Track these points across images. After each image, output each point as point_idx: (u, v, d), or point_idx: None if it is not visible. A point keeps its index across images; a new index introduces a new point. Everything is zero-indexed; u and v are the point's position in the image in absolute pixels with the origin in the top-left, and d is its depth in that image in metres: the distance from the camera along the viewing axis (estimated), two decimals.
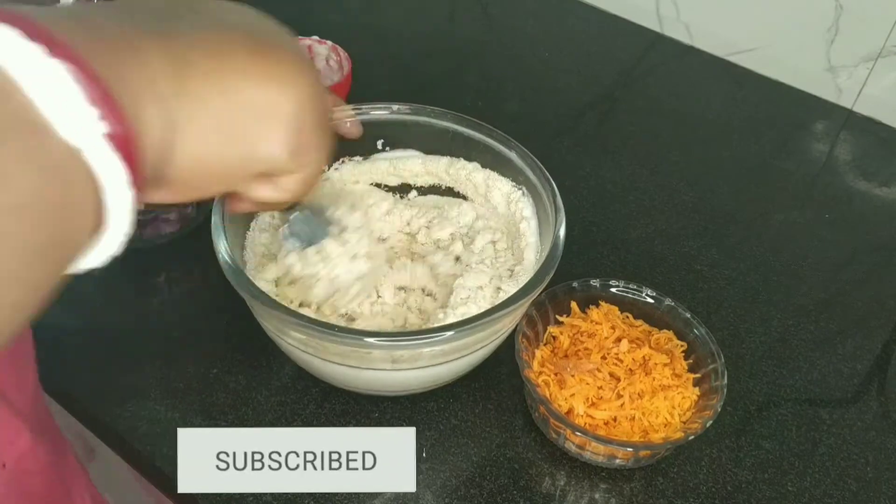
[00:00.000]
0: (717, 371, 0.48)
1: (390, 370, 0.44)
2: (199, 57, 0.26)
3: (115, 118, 0.21)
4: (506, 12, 0.92)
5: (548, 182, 0.51)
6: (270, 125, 0.28)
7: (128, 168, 0.22)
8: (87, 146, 0.20)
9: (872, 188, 0.72)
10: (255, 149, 0.28)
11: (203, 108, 0.26)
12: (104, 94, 0.21)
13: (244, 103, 0.27)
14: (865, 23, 0.75)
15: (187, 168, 0.26)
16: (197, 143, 0.26)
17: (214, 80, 0.26)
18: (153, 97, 0.24)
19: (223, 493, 0.45)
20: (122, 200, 0.22)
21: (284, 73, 0.28)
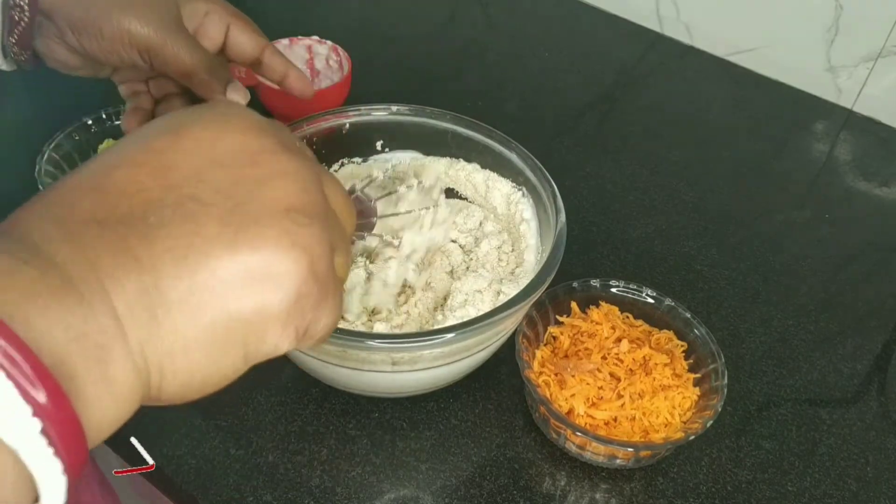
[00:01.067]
0: (718, 371, 0.48)
1: (391, 372, 0.44)
2: (172, 283, 0.22)
3: (56, 406, 0.18)
4: (506, 12, 0.92)
5: (548, 183, 0.51)
6: (265, 328, 0.24)
7: (65, 457, 0.19)
8: (22, 446, 0.18)
9: (872, 188, 0.72)
10: (252, 352, 0.25)
11: (184, 338, 0.22)
12: (41, 375, 0.18)
13: (231, 317, 0.23)
14: (865, 23, 0.75)
15: (178, 394, 0.24)
16: (181, 374, 0.23)
17: (192, 306, 0.22)
18: (123, 345, 0.21)
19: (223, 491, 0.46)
20: (55, 487, 0.19)
21: (272, 263, 0.23)
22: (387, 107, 0.56)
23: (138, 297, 0.21)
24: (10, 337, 0.18)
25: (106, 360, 0.21)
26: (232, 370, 0.24)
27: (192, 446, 0.48)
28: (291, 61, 0.51)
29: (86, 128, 0.62)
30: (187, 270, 0.22)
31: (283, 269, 0.24)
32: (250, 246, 0.23)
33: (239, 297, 0.23)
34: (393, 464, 0.48)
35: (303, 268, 0.24)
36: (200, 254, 0.22)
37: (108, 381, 0.21)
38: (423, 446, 0.49)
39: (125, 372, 0.21)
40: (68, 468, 0.19)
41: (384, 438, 0.49)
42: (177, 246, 0.22)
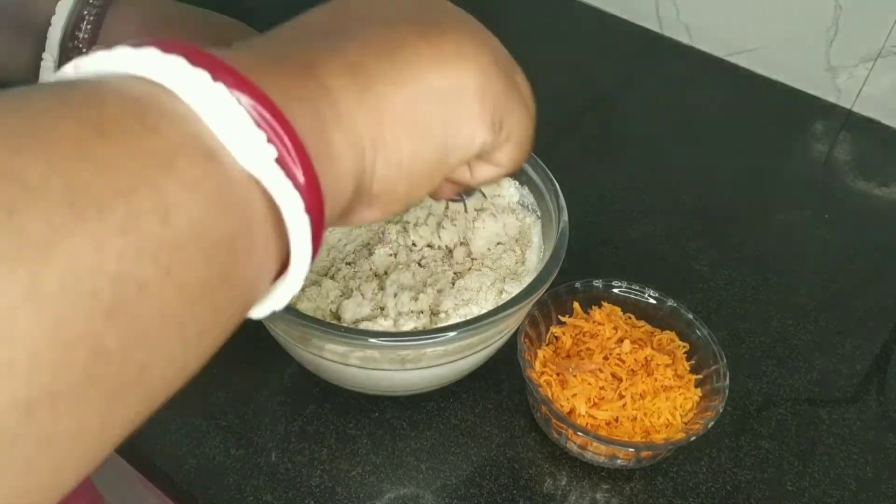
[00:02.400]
0: (720, 372, 0.48)
1: (393, 370, 0.44)
2: (373, 60, 0.24)
3: (291, 142, 0.20)
4: (505, 12, 0.92)
5: (550, 182, 0.51)
6: (460, 107, 0.26)
7: (305, 196, 0.20)
8: (263, 173, 0.19)
9: (872, 188, 0.72)
10: (453, 137, 0.27)
11: (388, 113, 0.24)
12: (276, 115, 0.19)
13: (427, 93, 0.25)
14: (865, 23, 0.75)
15: (390, 180, 0.25)
16: (392, 151, 0.25)
17: (392, 78, 0.25)
18: (338, 121, 0.23)
19: (223, 491, 0.46)
20: (301, 231, 0.20)
21: (457, 47, 0.27)
22: None
23: (343, 75, 0.23)
24: (281, 121, 0.20)
25: (326, 133, 0.22)
26: (434, 155, 0.26)
27: (192, 446, 0.48)
28: None
29: None
30: (386, 51, 0.25)
31: (473, 51, 0.27)
32: (440, 30, 0.27)
33: (435, 72, 0.26)
34: (393, 463, 0.48)
35: (488, 54, 0.28)
36: (396, 39, 0.25)
37: (329, 152, 0.22)
38: (423, 446, 0.49)
39: (342, 144, 0.23)
40: (308, 207, 0.20)
41: (384, 438, 0.49)
42: (373, 38, 0.25)
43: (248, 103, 0.19)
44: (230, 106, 0.19)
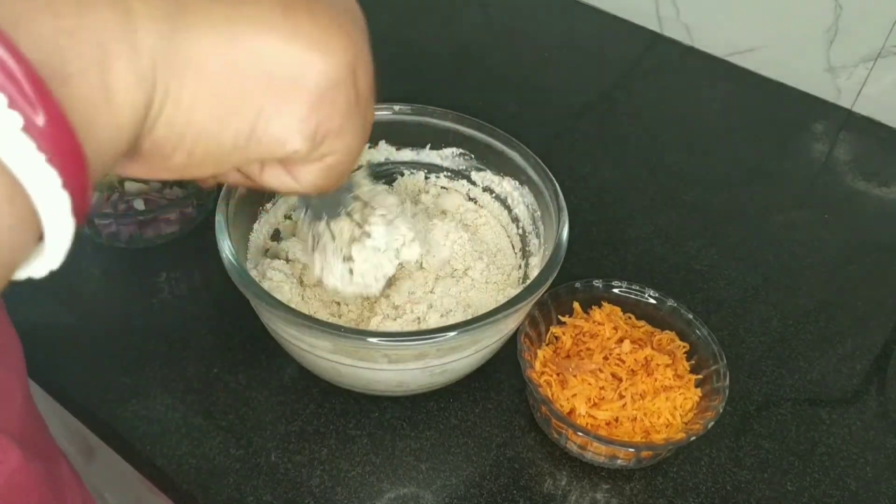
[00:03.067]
0: (720, 372, 0.48)
1: (393, 370, 0.44)
2: (207, 2, 0.20)
3: (46, 110, 0.16)
4: (506, 12, 0.92)
5: (550, 182, 0.51)
6: (286, 100, 0.21)
7: (66, 169, 0.17)
8: (7, 155, 0.16)
9: (872, 188, 0.72)
10: (262, 129, 0.22)
11: (196, 68, 0.20)
12: (31, 79, 0.16)
13: (253, 65, 0.20)
14: (865, 23, 0.75)
15: (168, 139, 0.20)
16: (185, 110, 0.20)
17: (220, 30, 0.20)
18: (127, 51, 0.18)
19: (223, 491, 0.46)
20: (57, 205, 0.17)
21: (318, 34, 0.21)
22: (389, 106, 0.56)
23: (164, 2, 0.19)
24: (6, 43, 0.15)
25: (107, 62, 0.18)
26: (232, 137, 0.21)
27: (192, 446, 0.48)
28: None
29: None
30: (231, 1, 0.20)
31: (336, 46, 0.22)
32: (309, 11, 0.21)
33: (275, 48, 0.21)
34: (393, 463, 0.48)
35: (350, 59, 0.22)
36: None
37: (106, 87, 0.18)
38: (423, 446, 0.49)
39: (128, 82, 0.18)
40: (68, 183, 0.17)
41: (384, 438, 0.49)
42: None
43: None
44: None
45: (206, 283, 0.58)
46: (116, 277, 0.58)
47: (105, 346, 0.53)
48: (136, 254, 0.59)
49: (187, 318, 0.56)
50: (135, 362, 0.52)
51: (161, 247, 0.59)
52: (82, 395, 0.50)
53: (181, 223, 0.60)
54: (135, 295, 0.58)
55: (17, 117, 0.15)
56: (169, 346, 0.53)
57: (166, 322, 0.55)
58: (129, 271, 0.58)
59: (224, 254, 0.44)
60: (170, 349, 0.53)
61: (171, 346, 0.53)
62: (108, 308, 0.56)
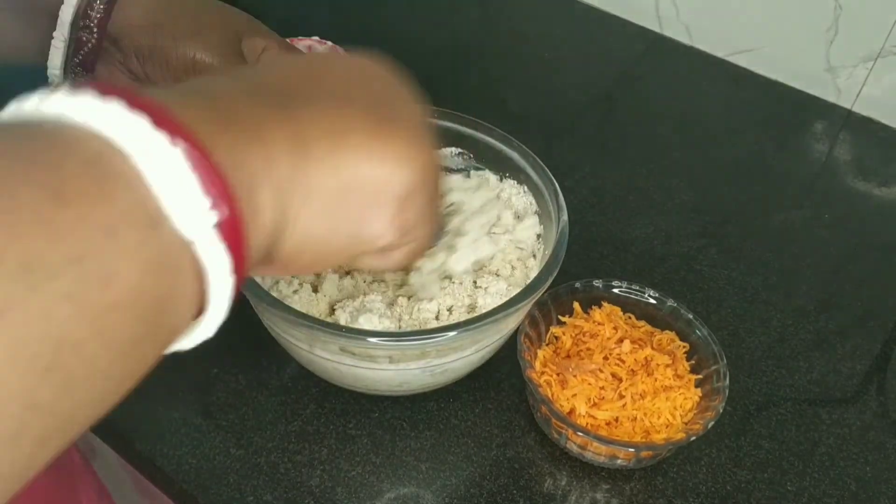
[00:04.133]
0: (720, 372, 0.48)
1: (393, 370, 0.44)
2: (318, 137, 0.25)
3: (228, 206, 0.20)
4: (506, 12, 0.92)
5: (550, 181, 0.51)
6: (380, 206, 0.27)
7: (234, 256, 0.21)
8: (198, 238, 0.20)
9: (872, 188, 0.72)
10: (364, 231, 0.27)
11: (317, 191, 0.25)
12: (219, 181, 0.20)
13: (356, 184, 0.26)
14: (865, 23, 0.75)
15: (295, 250, 0.26)
16: (306, 226, 0.25)
17: (331, 163, 0.25)
18: (270, 181, 0.23)
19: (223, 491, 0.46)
20: (224, 288, 0.21)
21: (400, 150, 0.27)
22: None
23: (286, 143, 0.24)
24: (226, 189, 0.20)
25: (255, 190, 0.22)
26: (341, 246, 0.27)
27: (192, 446, 0.48)
28: None
29: None
30: (333, 133, 0.25)
31: (415, 159, 0.27)
32: (392, 129, 0.27)
33: (371, 169, 0.26)
34: (393, 463, 0.48)
35: (424, 167, 0.28)
36: (348, 122, 0.26)
37: (253, 205, 0.23)
38: (423, 446, 0.49)
39: (265, 202, 0.23)
40: (236, 267, 0.21)
41: (384, 438, 0.49)
42: (327, 113, 0.25)
43: (198, 170, 0.19)
44: (182, 172, 0.19)
45: None
46: None
47: None
48: None
49: None
50: None
51: None
52: None
53: None
54: None
55: (214, 214, 0.20)
56: None
57: None
58: None
59: None
60: None
61: None
62: None
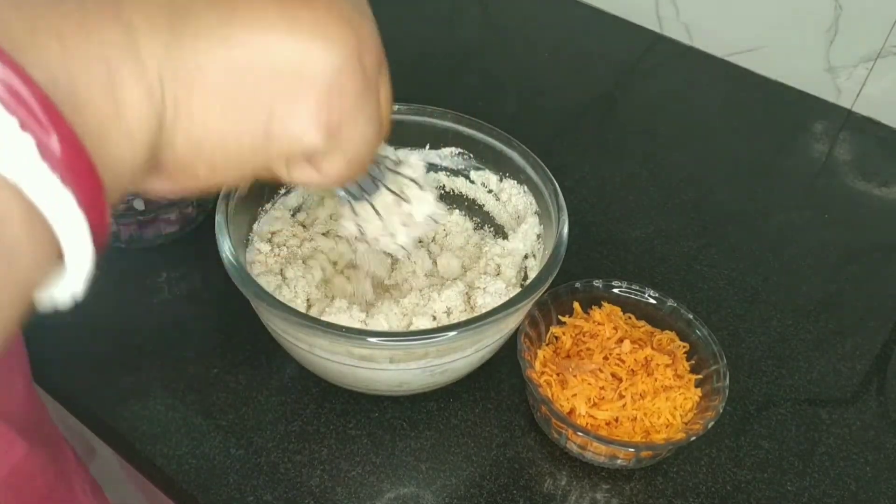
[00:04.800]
0: (720, 372, 0.48)
1: (393, 370, 0.44)
2: (203, 5, 0.19)
3: (55, 129, 0.16)
4: (506, 12, 0.92)
5: (550, 181, 0.51)
6: (296, 96, 0.21)
7: (81, 190, 0.17)
8: (22, 178, 0.16)
9: (872, 188, 0.72)
10: (277, 127, 0.22)
11: (206, 73, 0.19)
12: (41, 101, 0.16)
13: (263, 64, 0.20)
14: (865, 23, 0.75)
15: (190, 152, 0.20)
16: (198, 120, 0.20)
17: (221, 35, 0.19)
18: (136, 68, 0.18)
19: (223, 491, 0.46)
20: (76, 227, 0.17)
21: (319, 23, 0.21)
22: None
23: (160, 9, 0.19)
24: (15, 68, 0.16)
25: (113, 79, 0.18)
26: (249, 140, 0.21)
27: (192, 446, 0.48)
28: None
29: None
30: (228, 2, 0.19)
31: (336, 34, 0.21)
32: (305, 3, 0.21)
33: (279, 44, 0.20)
34: (393, 463, 0.48)
35: (353, 45, 0.22)
36: None
37: (116, 105, 0.18)
38: (423, 446, 0.49)
39: (136, 98, 0.18)
40: (83, 202, 0.17)
41: (384, 438, 0.49)
42: None
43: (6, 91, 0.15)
44: None
45: (206, 283, 0.58)
46: (116, 277, 0.58)
47: (105, 346, 0.53)
48: (136, 254, 0.59)
49: (187, 318, 0.56)
50: (135, 362, 0.52)
51: (161, 247, 0.59)
52: (82, 395, 0.50)
53: (181, 223, 0.60)
54: (135, 295, 0.58)
55: (29, 140, 0.16)
56: (169, 346, 0.53)
57: (166, 322, 0.55)
58: (129, 271, 0.58)
59: (224, 254, 0.44)
60: (170, 349, 0.53)
61: (171, 346, 0.53)
62: (107, 308, 0.56)
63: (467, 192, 0.59)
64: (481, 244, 0.57)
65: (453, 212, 0.59)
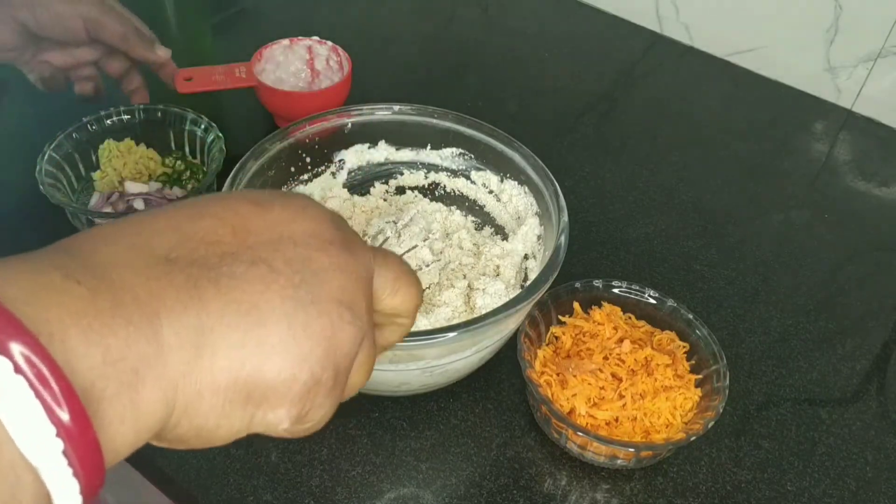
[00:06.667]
0: (720, 372, 0.48)
1: (394, 370, 0.45)
2: (225, 329, 0.23)
3: (78, 426, 0.19)
4: (506, 12, 0.92)
5: (550, 182, 0.51)
6: (278, 401, 0.25)
7: (86, 478, 0.19)
8: (43, 464, 0.18)
9: (872, 188, 0.72)
10: (256, 420, 0.25)
11: (217, 384, 0.23)
12: (68, 396, 0.18)
13: (261, 380, 0.24)
14: (865, 23, 0.75)
15: (185, 434, 0.24)
16: (198, 418, 0.24)
17: (238, 356, 0.23)
18: (157, 374, 0.21)
19: (223, 491, 0.46)
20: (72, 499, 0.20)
21: (306, 347, 0.25)
22: (389, 106, 0.56)
23: (192, 333, 0.22)
24: (44, 356, 0.18)
25: (137, 386, 0.21)
26: (234, 431, 0.25)
27: None
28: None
29: (86, 128, 0.62)
30: (245, 325, 0.23)
31: (320, 353, 0.25)
32: (304, 325, 0.25)
33: (277, 364, 0.24)
34: (393, 463, 0.48)
35: (331, 359, 0.26)
36: (261, 314, 0.24)
37: (135, 407, 0.21)
38: (424, 446, 0.49)
39: (153, 401, 0.22)
40: (84, 489, 0.20)
41: (384, 438, 0.49)
42: (243, 300, 0.23)
43: (46, 389, 0.18)
44: (20, 394, 0.18)
45: None
46: None
47: None
48: None
49: None
50: None
51: None
52: None
53: None
54: None
55: (52, 430, 0.18)
56: None
57: None
58: None
59: None
60: None
61: None
62: None
63: (468, 193, 0.59)
64: (481, 245, 0.57)
65: (454, 212, 0.59)
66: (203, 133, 0.63)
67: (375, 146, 0.58)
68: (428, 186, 0.60)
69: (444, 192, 0.60)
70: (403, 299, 0.30)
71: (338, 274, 0.26)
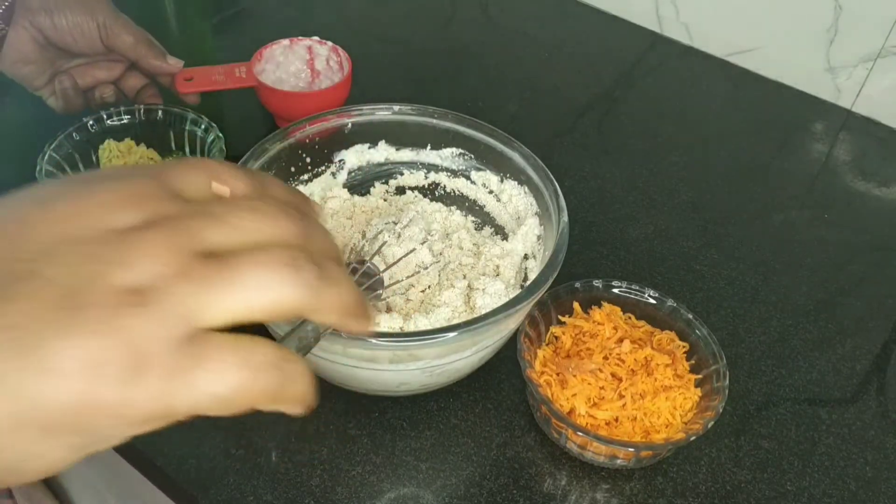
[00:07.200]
0: (719, 372, 0.48)
1: (394, 370, 0.45)
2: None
3: None
4: (506, 12, 0.92)
5: (550, 182, 0.51)
6: (96, 415, 0.22)
7: None
8: None
9: (872, 188, 0.72)
10: (89, 441, 0.23)
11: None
12: None
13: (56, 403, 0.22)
14: (865, 23, 0.75)
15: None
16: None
17: (12, 379, 0.21)
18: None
19: (223, 491, 0.46)
20: None
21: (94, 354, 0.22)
22: (389, 106, 0.56)
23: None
24: None
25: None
26: (57, 458, 0.23)
27: (192, 446, 0.48)
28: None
29: (86, 128, 0.62)
30: (16, 353, 0.21)
31: (107, 356, 0.22)
32: (81, 333, 0.22)
33: (67, 385, 0.22)
34: (393, 463, 0.48)
35: (123, 356, 0.22)
36: (33, 338, 0.21)
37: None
38: (424, 446, 0.49)
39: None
40: None
41: (384, 438, 0.49)
42: (12, 326, 0.21)
43: None
44: None
45: None
46: None
47: None
48: None
49: None
50: None
51: None
52: None
53: None
54: None
55: None
56: None
57: None
58: None
59: None
60: None
61: None
62: None
63: (468, 193, 0.59)
64: (481, 245, 0.57)
65: (454, 212, 0.59)
66: (203, 133, 0.63)
67: (375, 146, 0.58)
68: (428, 186, 0.60)
69: (444, 193, 0.60)
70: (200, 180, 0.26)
71: (131, 261, 0.23)
